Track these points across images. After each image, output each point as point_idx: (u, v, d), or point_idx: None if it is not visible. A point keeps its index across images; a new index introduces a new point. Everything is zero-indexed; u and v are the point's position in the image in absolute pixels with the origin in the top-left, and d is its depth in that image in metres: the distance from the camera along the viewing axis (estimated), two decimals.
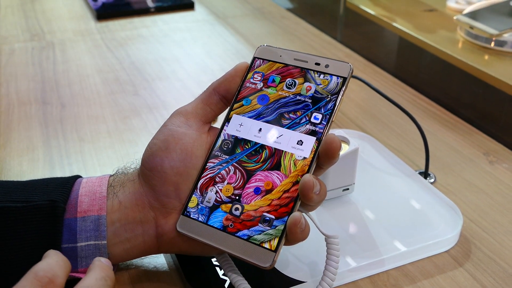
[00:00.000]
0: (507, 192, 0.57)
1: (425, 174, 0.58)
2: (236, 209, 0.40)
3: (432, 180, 0.58)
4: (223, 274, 0.43)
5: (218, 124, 0.44)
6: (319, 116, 0.40)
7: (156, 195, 0.40)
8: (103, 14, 1.09)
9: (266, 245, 0.38)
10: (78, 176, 0.43)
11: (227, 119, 0.43)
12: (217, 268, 0.44)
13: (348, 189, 0.53)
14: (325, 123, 0.40)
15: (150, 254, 0.42)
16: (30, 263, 0.38)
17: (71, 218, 0.40)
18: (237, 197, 0.40)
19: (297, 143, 0.40)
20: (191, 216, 0.40)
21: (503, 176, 0.59)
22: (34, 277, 0.29)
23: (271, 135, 0.41)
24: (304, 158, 0.39)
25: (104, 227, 0.40)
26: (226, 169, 0.41)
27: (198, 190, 0.41)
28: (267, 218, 0.38)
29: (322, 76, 0.42)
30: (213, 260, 0.45)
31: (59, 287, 0.29)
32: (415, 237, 0.48)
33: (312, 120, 0.40)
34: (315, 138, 0.40)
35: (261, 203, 0.39)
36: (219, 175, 0.41)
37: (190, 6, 1.15)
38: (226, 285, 0.43)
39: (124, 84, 0.81)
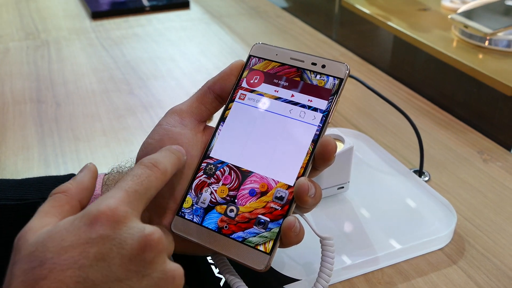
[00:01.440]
0: (500, 190, 0.57)
1: (420, 173, 0.59)
2: (231, 210, 0.39)
3: (426, 178, 0.59)
4: (218, 273, 0.43)
5: (213, 123, 0.44)
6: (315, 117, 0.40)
7: None
8: (98, 13, 1.08)
9: (261, 248, 0.37)
10: (73, 175, 0.43)
11: (222, 119, 0.43)
12: (213, 267, 0.44)
13: (343, 187, 0.53)
14: (321, 125, 0.40)
15: None
16: None
17: None
18: (232, 199, 0.40)
19: None
20: (185, 217, 0.40)
21: (496, 174, 0.60)
22: (139, 163, 0.34)
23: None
24: None
25: None
26: (221, 169, 0.41)
27: (192, 191, 0.41)
28: (262, 220, 0.38)
29: (318, 76, 0.41)
30: (208, 258, 0.45)
31: (164, 171, 0.34)
32: (409, 235, 0.49)
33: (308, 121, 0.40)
34: (311, 140, 0.40)
35: (256, 205, 0.39)
36: (214, 176, 0.41)
37: (185, 5, 1.15)
38: (222, 283, 0.43)
39: (119, 83, 0.81)
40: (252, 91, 0.43)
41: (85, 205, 0.34)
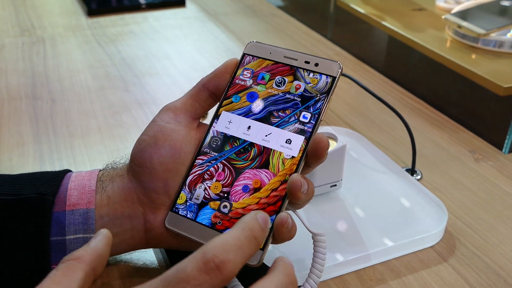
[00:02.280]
0: (491, 189, 0.58)
1: (412, 171, 0.59)
2: (225, 206, 0.40)
3: (418, 177, 0.59)
4: None
5: (207, 120, 0.45)
6: (308, 115, 0.41)
7: (145, 190, 0.41)
8: (94, 10, 1.08)
9: None
10: (68, 171, 0.44)
11: (216, 116, 0.43)
12: None
13: (335, 185, 0.54)
14: (313, 122, 0.40)
15: (138, 249, 0.43)
16: (19, 256, 0.39)
17: (59, 211, 0.40)
18: (225, 195, 0.40)
19: (286, 142, 0.40)
20: (179, 213, 0.41)
21: (488, 174, 0.60)
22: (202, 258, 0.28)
23: (260, 133, 0.41)
24: (293, 157, 0.40)
25: (92, 220, 0.40)
26: (215, 166, 0.41)
27: (186, 187, 0.41)
28: None
29: (311, 74, 0.42)
30: None
31: (229, 277, 0.28)
32: (401, 232, 0.49)
33: (301, 119, 0.41)
34: (304, 137, 0.40)
35: (249, 201, 0.39)
36: (207, 172, 0.41)
37: (181, 3, 1.15)
38: None
39: (115, 80, 0.82)
40: (246, 89, 0.43)
41: (98, 273, 0.33)
